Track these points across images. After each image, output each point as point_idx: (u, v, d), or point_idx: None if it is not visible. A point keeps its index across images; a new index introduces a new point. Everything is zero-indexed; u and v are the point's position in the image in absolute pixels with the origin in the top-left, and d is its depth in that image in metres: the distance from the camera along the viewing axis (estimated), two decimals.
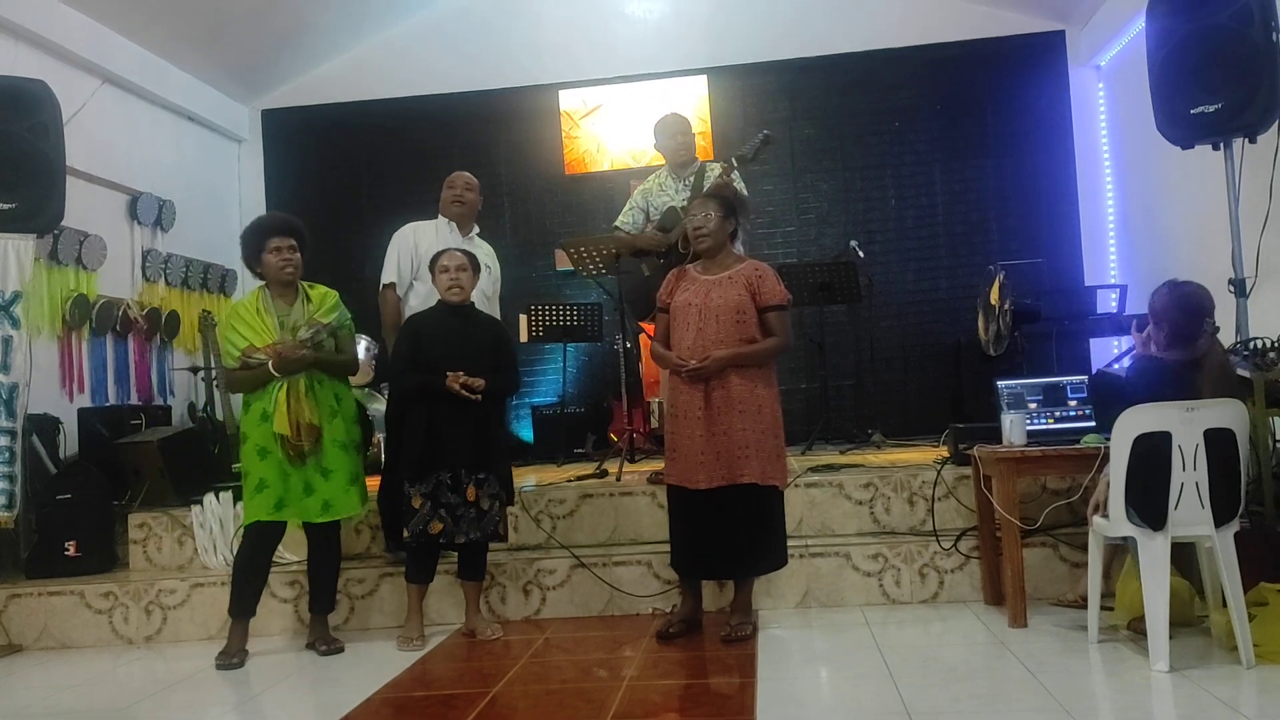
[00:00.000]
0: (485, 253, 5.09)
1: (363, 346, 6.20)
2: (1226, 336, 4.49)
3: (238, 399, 4.59)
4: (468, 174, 5.17)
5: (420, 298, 4.87)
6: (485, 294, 4.93)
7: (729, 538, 4.05)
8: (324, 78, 8.36)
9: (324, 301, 4.40)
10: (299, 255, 4.35)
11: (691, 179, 5.10)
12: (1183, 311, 3.67)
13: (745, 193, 5.09)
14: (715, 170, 5.11)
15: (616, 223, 5.36)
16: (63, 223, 5.35)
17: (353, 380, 4.63)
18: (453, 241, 4.90)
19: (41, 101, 4.90)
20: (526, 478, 5.78)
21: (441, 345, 4.28)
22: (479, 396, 4.20)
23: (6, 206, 4.81)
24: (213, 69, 7.77)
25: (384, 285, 5.00)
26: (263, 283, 4.40)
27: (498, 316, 5.14)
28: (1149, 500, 3.42)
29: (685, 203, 4.72)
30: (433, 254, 4.77)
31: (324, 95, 8.37)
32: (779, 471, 4.11)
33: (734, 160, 5.01)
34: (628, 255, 5.41)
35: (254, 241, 4.35)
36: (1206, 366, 3.61)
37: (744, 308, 4.06)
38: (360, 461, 4.46)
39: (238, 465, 4.42)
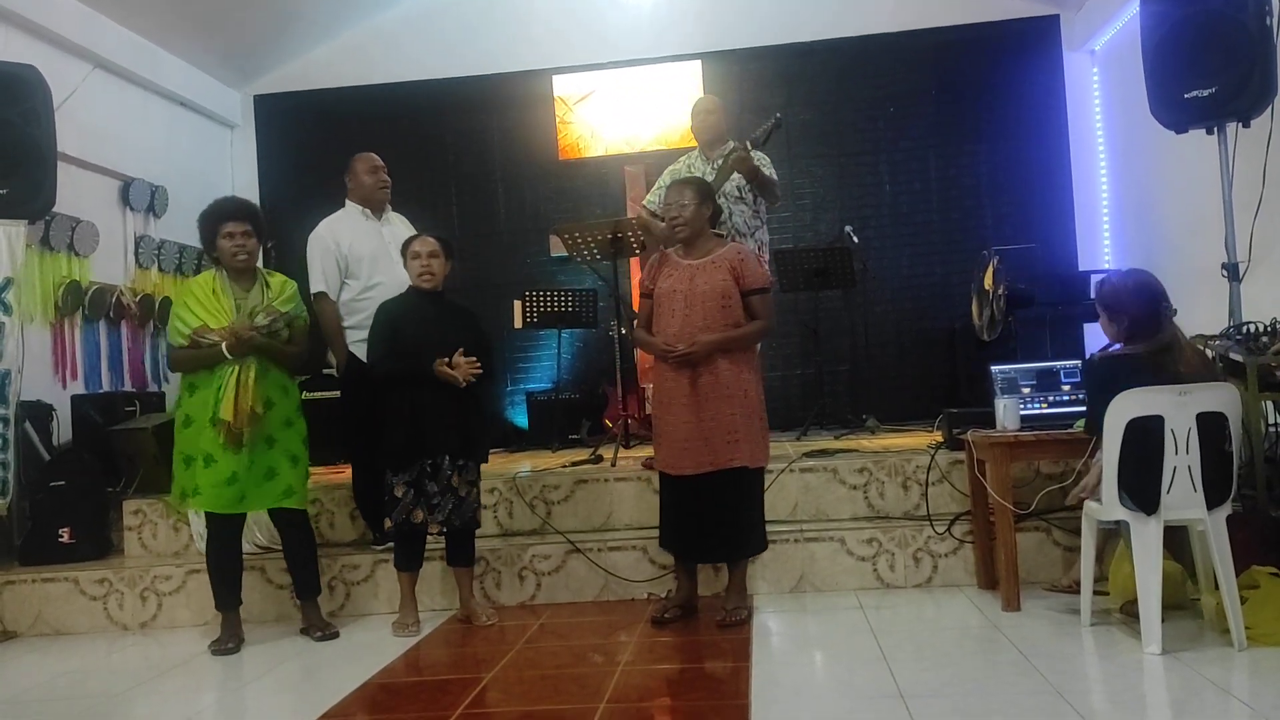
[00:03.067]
0: (404, 227, 4.98)
1: None
2: (1219, 321, 4.51)
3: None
4: (376, 154, 5.04)
5: (354, 293, 4.74)
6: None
7: (715, 521, 4.09)
8: (317, 63, 8.32)
9: (283, 290, 4.32)
10: (254, 241, 4.28)
11: (720, 160, 5.09)
12: (1144, 300, 3.61)
13: (772, 174, 5.08)
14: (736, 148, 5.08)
15: (644, 202, 5.37)
16: (55, 209, 5.34)
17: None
18: (371, 228, 4.81)
19: (32, 87, 4.87)
20: (521, 463, 5.79)
21: (419, 333, 4.25)
22: (474, 376, 4.17)
23: None
24: (205, 54, 7.72)
25: (315, 295, 4.79)
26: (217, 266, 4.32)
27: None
28: (1142, 484, 3.42)
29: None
30: (355, 248, 4.73)
31: (317, 81, 8.32)
32: (765, 453, 4.20)
33: (747, 144, 5.01)
34: (649, 236, 5.41)
35: (209, 226, 4.26)
36: (1181, 352, 3.59)
37: (729, 292, 4.09)
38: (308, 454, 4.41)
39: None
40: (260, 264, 4.39)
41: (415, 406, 4.22)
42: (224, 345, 4.08)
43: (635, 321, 4.37)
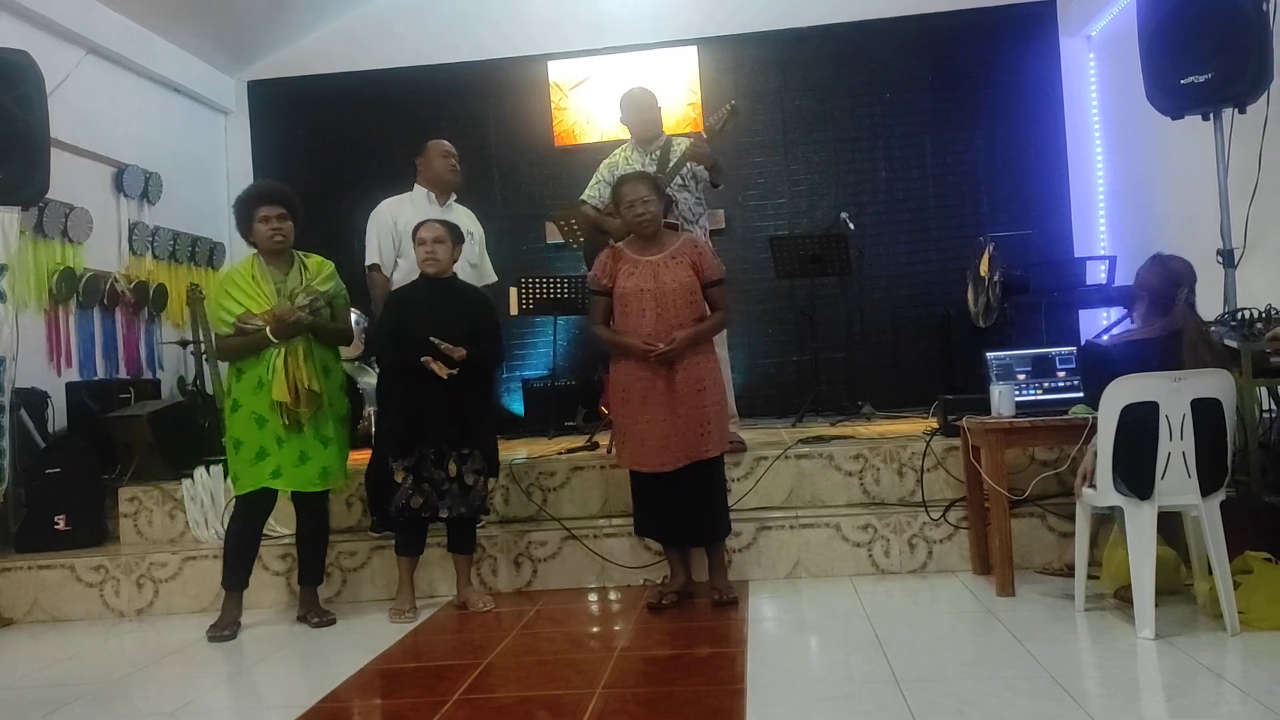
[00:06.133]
0: (466, 218, 5.04)
1: (354, 319, 6.12)
2: (1214, 307, 4.51)
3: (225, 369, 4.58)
4: (449, 142, 5.12)
5: (404, 273, 4.79)
6: (470, 261, 4.89)
7: (689, 508, 4.15)
8: (311, 49, 8.29)
9: (321, 270, 4.38)
10: (290, 224, 4.32)
11: (658, 153, 5.07)
12: (1160, 279, 3.71)
13: (719, 160, 5.08)
14: (682, 144, 5.07)
15: (582, 196, 5.32)
16: (48, 195, 5.31)
17: (344, 353, 4.61)
18: (431, 212, 4.81)
19: (25, 72, 4.84)
20: (517, 450, 5.79)
21: (423, 320, 4.24)
22: (454, 370, 4.17)
23: None
24: (198, 39, 7.69)
25: (368, 267, 4.94)
26: (255, 251, 4.38)
27: (492, 279, 5.12)
28: (1136, 470, 3.44)
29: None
30: (412, 227, 4.76)
31: (311, 66, 8.29)
32: (726, 436, 4.31)
33: (704, 134, 4.99)
34: (591, 233, 5.37)
35: (245, 211, 4.33)
36: (1185, 338, 3.62)
37: (694, 287, 4.14)
38: (348, 434, 4.45)
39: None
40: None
41: (416, 394, 4.23)
42: (268, 329, 4.12)
43: (592, 320, 4.31)
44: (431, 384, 4.20)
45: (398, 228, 4.86)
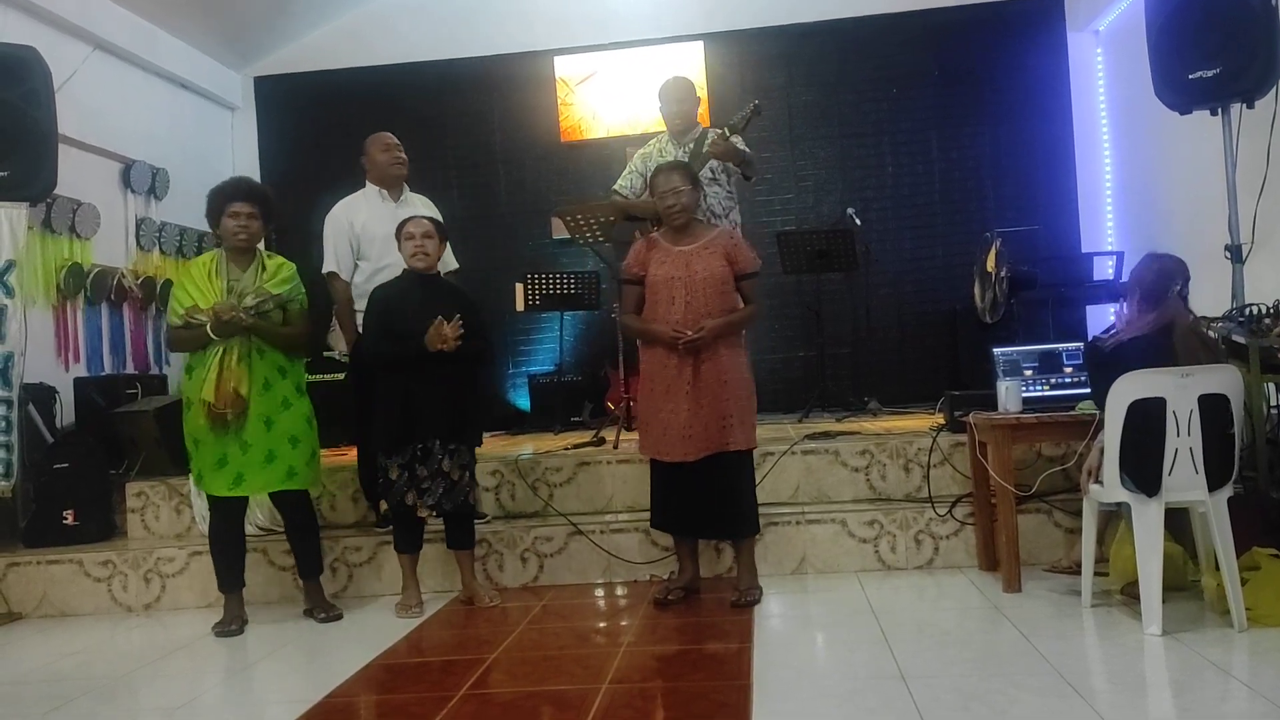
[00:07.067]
0: (424, 206, 4.97)
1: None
2: (1222, 303, 4.50)
3: None
4: (391, 134, 5.04)
5: (365, 275, 4.74)
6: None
7: (711, 503, 4.11)
8: (317, 44, 8.29)
9: (278, 272, 4.29)
10: (258, 223, 4.26)
11: (691, 145, 5.07)
12: (1153, 274, 3.72)
13: (748, 150, 5.07)
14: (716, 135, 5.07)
15: (615, 187, 5.33)
16: (56, 191, 5.33)
17: (345, 349, 4.57)
18: (386, 210, 4.80)
19: (32, 68, 4.86)
20: (523, 446, 5.80)
21: (410, 316, 4.20)
22: (456, 343, 4.14)
23: None
24: (204, 35, 7.69)
25: (326, 274, 4.83)
26: (220, 245, 4.32)
27: (454, 265, 5.06)
28: (1143, 466, 3.43)
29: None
30: (369, 229, 4.72)
31: (318, 62, 8.29)
32: (753, 432, 4.20)
33: (726, 130, 4.99)
34: (622, 220, 5.37)
35: (216, 203, 4.26)
36: (1176, 330, 3.62)
37: (726, 278, 4.10)
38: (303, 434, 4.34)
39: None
40: (261, 246, 4.39)
41: (407, 390, 4.21)
42: (208, 326, 4.08)
43: (623, 309, 4.31)
44: (423, 380, 4.18)
45: (354, 229, 4.79)
